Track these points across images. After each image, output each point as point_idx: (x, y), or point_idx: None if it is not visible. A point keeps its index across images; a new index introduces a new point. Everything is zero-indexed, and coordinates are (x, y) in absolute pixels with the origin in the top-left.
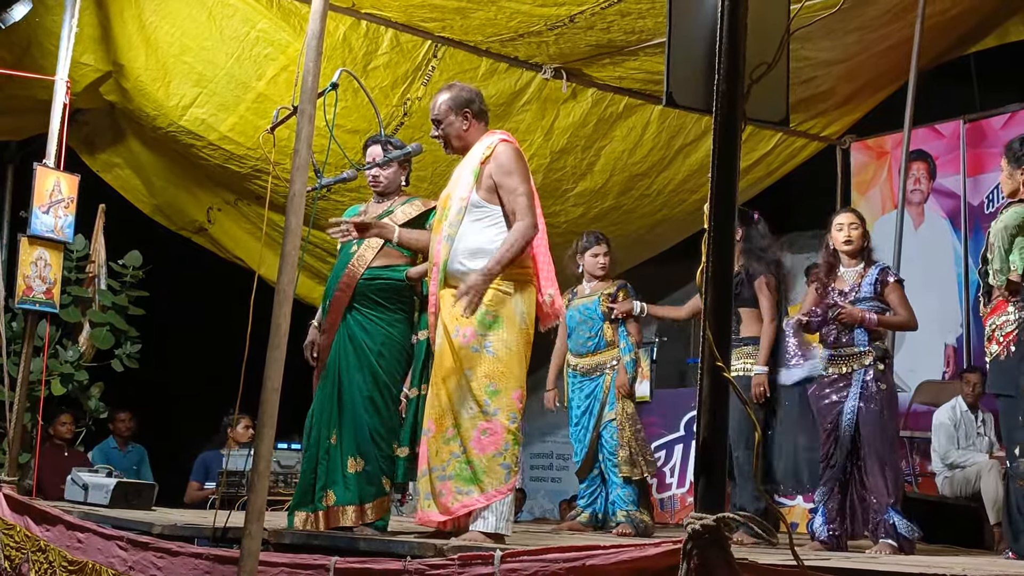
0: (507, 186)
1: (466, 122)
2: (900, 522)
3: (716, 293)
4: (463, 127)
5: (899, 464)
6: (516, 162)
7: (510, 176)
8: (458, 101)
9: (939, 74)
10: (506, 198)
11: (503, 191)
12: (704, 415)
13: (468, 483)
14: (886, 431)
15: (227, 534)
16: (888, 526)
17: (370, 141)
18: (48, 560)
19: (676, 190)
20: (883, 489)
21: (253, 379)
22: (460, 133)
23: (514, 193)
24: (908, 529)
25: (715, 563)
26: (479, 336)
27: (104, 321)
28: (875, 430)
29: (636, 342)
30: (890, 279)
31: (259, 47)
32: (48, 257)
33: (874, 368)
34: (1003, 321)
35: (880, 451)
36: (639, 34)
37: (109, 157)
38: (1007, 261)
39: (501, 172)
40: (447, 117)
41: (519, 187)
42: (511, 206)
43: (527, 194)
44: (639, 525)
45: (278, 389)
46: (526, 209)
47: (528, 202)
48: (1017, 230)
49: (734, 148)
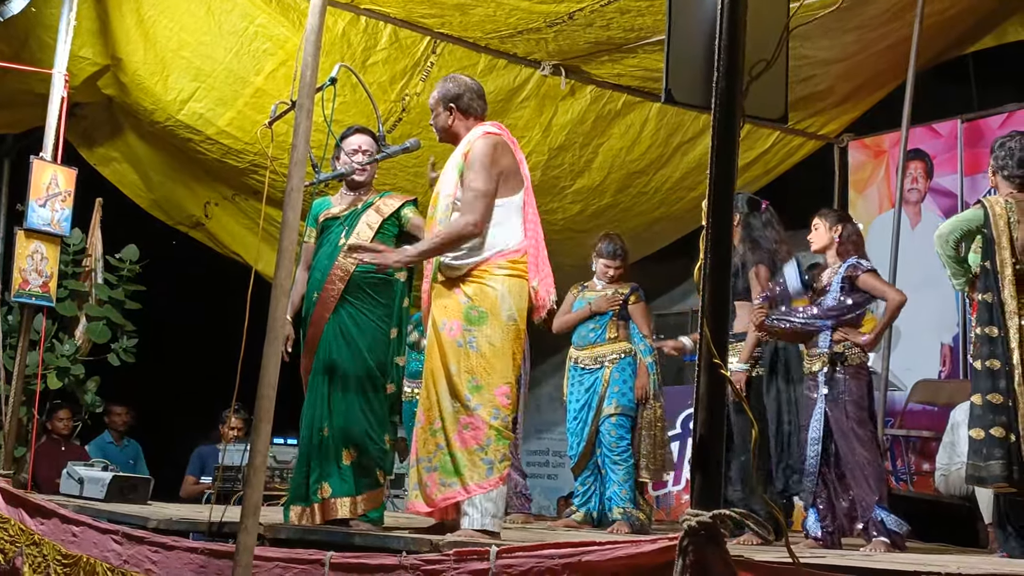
0: (465, 179)
1: (450, 116)
2: (888, 518)
3: (713, 290)
4: (447, 121)
5: (878, 460)
6: (483, 157)
7: (469, 170)
8: (446, 96)
9: (937, 74)
10: (462, 191)
11: (463, 183)
12: (701, 412)
13: (451, 475)
14: (856, 432)
15: (223, 529)
16: (877, 523)
17: (353, 129)
18: (42, 554)
19: (674, 188)
20: (866, 488)
21: (250, 374)
22: (444, 126)
23: (466, 187)
24: (897, 524)
25: (711, 560)
26: (464, 331)
27: (101, 315)
28: (844, 433)
29: (649, 335)
30: (859, 272)
31: (258, 42)
32: (45, 251)
33: (832, 370)
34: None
35: (854, 453)
36: (638, 31)
37: (107, 151)
38: (959, 265)
39: (466, 165)
40: (435, 109)
41: (473, 181)
42: (463, 199)
43: (478, 190)
44: (635, 522)
45: (275, 384)
46: (469, 204)
47: (477, 198)
48: (959, 235)
49: (732, 145)
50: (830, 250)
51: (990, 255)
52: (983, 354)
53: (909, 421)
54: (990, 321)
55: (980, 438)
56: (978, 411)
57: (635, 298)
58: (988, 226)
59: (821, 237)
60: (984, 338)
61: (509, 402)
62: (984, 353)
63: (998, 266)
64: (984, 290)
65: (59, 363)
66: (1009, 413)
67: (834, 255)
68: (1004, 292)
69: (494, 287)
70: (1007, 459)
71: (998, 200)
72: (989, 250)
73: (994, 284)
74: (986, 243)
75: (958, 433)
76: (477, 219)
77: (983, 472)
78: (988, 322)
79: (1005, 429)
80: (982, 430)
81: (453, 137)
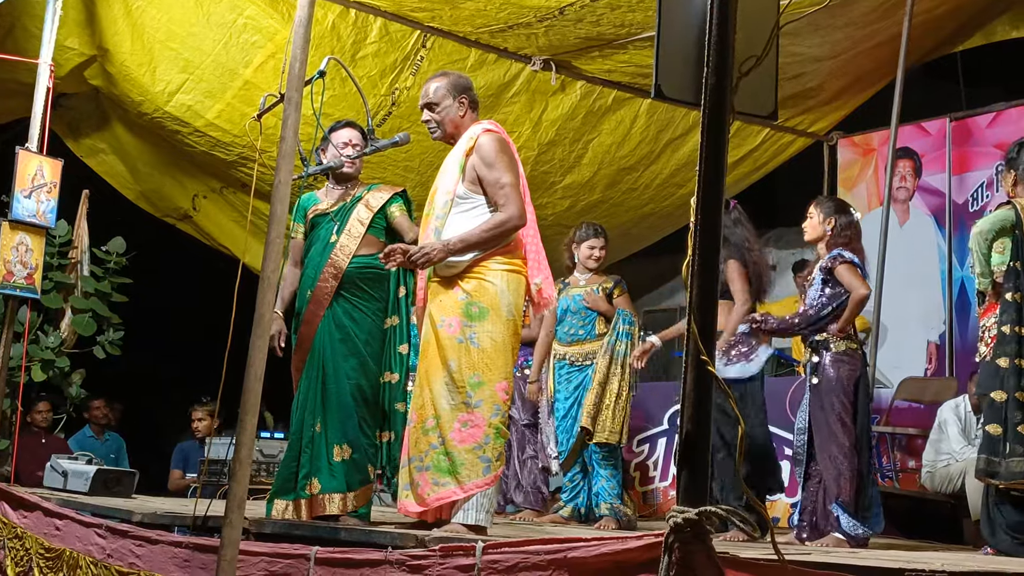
0: (489, 179)
1: (462, 108)
2: (843, 517)
3: (701, 287)
4: (460, 112)
5: (846, 457)
6: (498, 153)
7: (492, 169)
8: (457, 86)
9: (926, 72)
10: (490, 191)
11: (486, 185)
12: (688, 408)
13: (445, 474)
14: (830, 425)
15: (207, 523)
16: (834, 520)
17: (343, 124)
18: (25, 547)
19: (664, 184)
20: (830, 484)
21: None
22: (456, 119)
23: (495, 185)
24: (851, 526)
25: (696, 557)
26: (464, 327)
27: (86, 307)
28: (819, 426)
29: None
30: (838, 264)
31: (247, 34)
32: (30, 242)
33: (817, 359)
34: (992, 323)
35: (824, 447)
36: (628, 27)
37: (94, 142)
38: (988, 264)
39: (483, 165)
40: (444, 101)
41: (500, 178)
42: (495, 199)
43: (510, 184)
44: (622, 518)
45: (261, 377)
46: (508, 198)
47: (511, 192)
48: (994, 234)
49: (722, 141)
50: (821, 242)
51: (1020, 255)
52: (1009, 352)
53: (895, 418)
54: (1018, 321)
55: (998, 434)
56: (999, 407)
57: (619, 291)
58: (1020, 226)
59: (814, 228)
60: (1013, 337)
61: (507, 397)
62: (1011, 352)
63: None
64: (1015, 289)
65: (44, 355)
66: None
67: (824, 247)
68: None
69: (493, 282)
70: None
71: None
72: (1019, 250)
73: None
74: (1016, 244)
75: (944, 431)
76: (517, 211)
77: (998, 468)
78: (1017, 321)
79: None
80: (1000, 426)
81: (456, 131)
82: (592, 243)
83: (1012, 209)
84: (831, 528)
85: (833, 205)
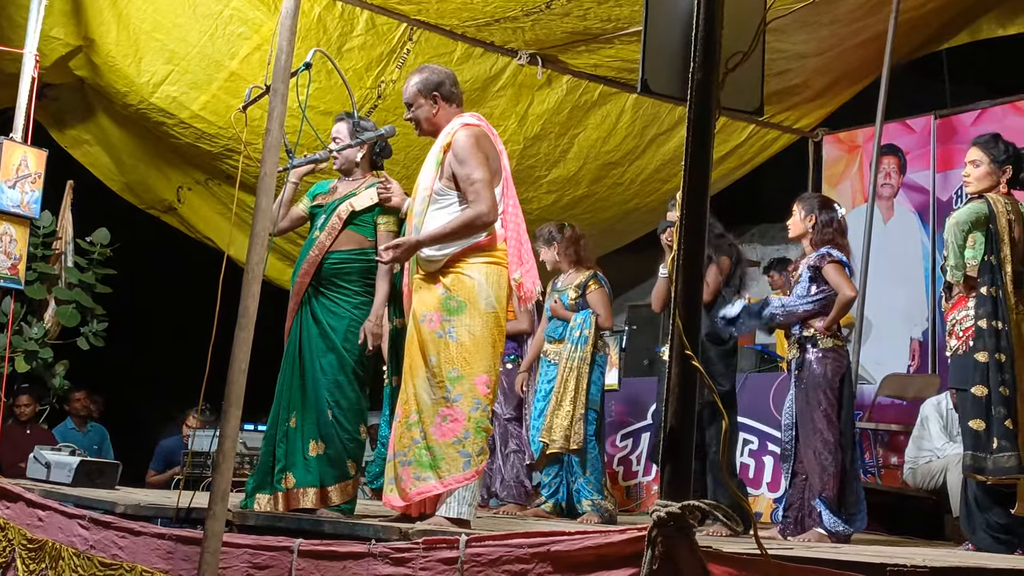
0: (460, 175)
1: (435, 105)
2: (825, 514)
3: (686, 282)
4: (432, 111)
5: (830, 453)
6: (471, 149)
7: (463, 165)
8: (427, 84)
9: (911, 69)
10: (462, 187)
11: (459, 180)
12: (672, 403)
13: (426, 469)
14: (814, 421)
15: (191, 515)
16: (816, 516)
17: (337, 118)
18: (7, 538)
19: (649, 179)
20: (814, 479)
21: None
22: (429, 116)
23: (466, 181)
24: (832, 523)
25: (679, 551)
26: (443, 321)
27: (70, 299)
28: (804, 421)
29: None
30: (825, 263)
31: (233, 25)
32: (14, 232)
33: (802, 354)
34: (962, 316)
35: (807, 442)
36: (615, 22)
37: (78, 133)
38: (961, 257)
39: (456, 161)
40: (416, 100)
41: (472, 174)
42: (465, 195)
43: (480, 180)
44: (604, 514)
45: (245, 370)
46: (478, 195)
47: (481, 188)
48: (971, 226)
49: (708, 136)
50: (805, 239)
51: (995, 249)
52: (989, 347)
53: (878, 414)
54: (995, 315)
55: (982, 429)
56: (982, 402)
57: (594, 284)
58: (993, 220)
59: (796, 225)
60: (990, 331)
61: (489, 391)
62: (990, 346)
63: (1001, 261)
64: (991, 284)
65: (27, 346)
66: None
67: (809, 244)
68: (1008, 286)
69: (471, 276)
70: (1017, 451)
71: (998, 197)
72: (993, 245)
73: (1000, 279)
74: (989, 238)
75: (927, 427)
76: (486, 207)
77: (985, 463)
78: (994, 315)
79: (1014, 421)
80: (983, 421)
81: (435, 128)
82: (543, 252)
83: (984, 203)
84: (813, 523)
85: (815, 202)
